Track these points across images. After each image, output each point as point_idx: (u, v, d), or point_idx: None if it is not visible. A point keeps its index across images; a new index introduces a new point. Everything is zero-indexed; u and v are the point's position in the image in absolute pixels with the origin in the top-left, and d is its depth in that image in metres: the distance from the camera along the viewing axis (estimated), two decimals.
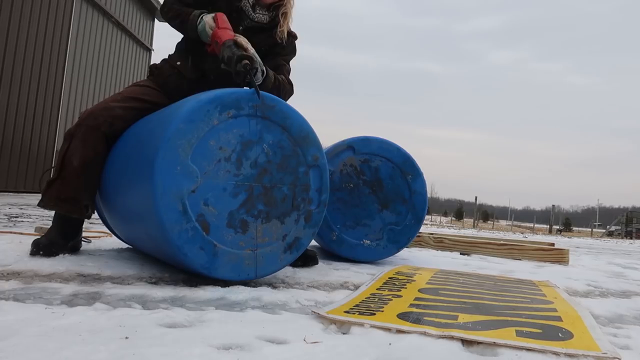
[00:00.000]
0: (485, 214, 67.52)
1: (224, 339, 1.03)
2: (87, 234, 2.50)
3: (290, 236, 1.75)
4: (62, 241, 1.96)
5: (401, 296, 1.62)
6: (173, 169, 1.53)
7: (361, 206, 2.67)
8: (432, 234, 4.46)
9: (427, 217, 4.22)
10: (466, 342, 1.12)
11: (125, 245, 2.42)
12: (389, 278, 2.01)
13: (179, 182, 1.53)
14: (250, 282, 1.70)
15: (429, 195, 2.90)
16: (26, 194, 8.50)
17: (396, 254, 2.81)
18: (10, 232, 2.71)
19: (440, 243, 4.02)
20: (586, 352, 1.08)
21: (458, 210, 78.09)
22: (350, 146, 2.71)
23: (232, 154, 1.63)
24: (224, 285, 1.59)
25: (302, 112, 1.79)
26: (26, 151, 9.01)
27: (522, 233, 17.86)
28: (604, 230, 37.24)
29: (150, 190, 1.51)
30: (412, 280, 1.99)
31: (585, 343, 1.16)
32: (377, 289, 1.74)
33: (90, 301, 1.30)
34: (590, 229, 45.60)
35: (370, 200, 2.68)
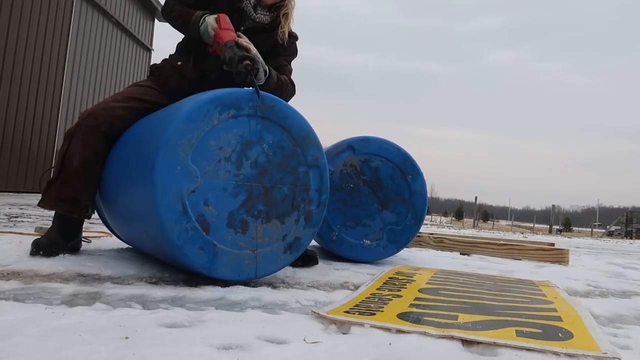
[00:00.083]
0: (485, 214, 67.51)
1: (224, 339, 1.03)
2: (87, 234, 2.50)
3: (290, 236, 1.75)
4: (62, 241, 1.96)
5: (401, 296, 1.62)
6: (173, 169, 1.53)
7: (361, 206, 2.67)
8: (432, 234, 4.46)
9: (427, 217, 4.22)
10: (466, 342, 1.12)
11: (125, 245, 2.42)
12: (389, 278, 2.01)
13: (179, 182, 1.53)
14: (250, 282, 1.70)
15: (429, 195, 2.90)
16: (26, 194, 8.50)
17: (396, 254, 2.81)
18: (10, 232, 2.71)
19: (440, 243, 4.02)
20: (586, 352, 1.08)
21: (458, 210, 78.08)
22: (350, 146, 2.71)
23: (232, 154, 1.63)
24: (224, 285, 1.59)
25: (302, 112, 1.79)
26: (26, 151, 9.01)
27: (522, 233, 17.86)
28: (604, 230, 37.23)
29: (150, 190, 1.51)
30: (412, 280, 1.99)
31: (585, 343, 1.16)
32: (377, 289, 1.74)
33: (90, 301, 1.30)
34: (590, 229, 45.59)
35: (370, 200, 2.68)
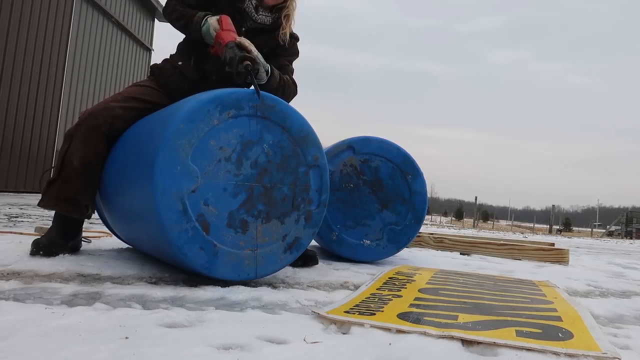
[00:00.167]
0: (485, 214, 67.51)
1: (224, 339, 1.03)
2: (87, 234, 2.51)
3: (290, 236, 1.75)
4: (62, 241, 1.96)
5: (401, 296, 1.62)
6: (173, 169, 1.53)
7: (361, 206, 2.67)
8: (432, 234, 4.46)
9: (427, 217, 4.22)
10: (466, 342, 1.12)
11: (125, 245, 2.42)
12: (389, 278, 2.01)
13: (179, 182, 1.53)
14: (250, 282, 1.70)
15: (429, 195, 2.90)
16: (26, 194, 8.51)
17: (396, 254, 2.81)
18: (10, 232, 2.71)
19: (440, 243, 4.02)
20: (586, 352, 1.08)
21: (458, 210, 78.07)
22: (350, 146, 2.71)
23: (232, 154, 1.63)
24: (224, 285, 1.59)
25: (302, 112, 1.79)
26: (26, 151, 9.01)
27: (522, 233, 17.85)
28: (604, 230, 37.22)
29: (151, 190, 1.51)
30: (412, 280, 1.99)
31: (585, 343, 1.16)
32: (377, 289, 1.74)
33: (90, 301, 1.30)
34: (590, 229, 45.58)
35: (370, 200, 2.68)
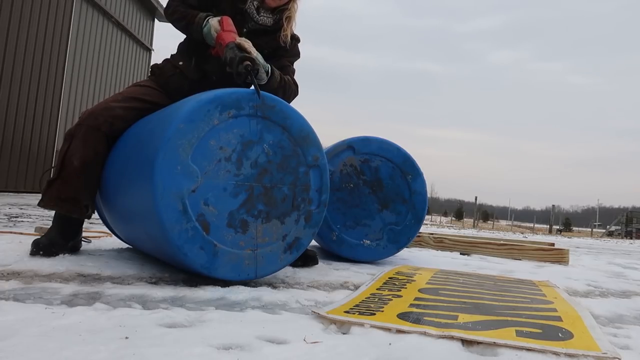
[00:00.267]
0: (485, 214, 67.49)
1: (224, 339, 1.03)
2: (87, 234, 2.51)
3: (291, 236, 1.75)
4: (62, 241, 1.96)
5: (401, 296, 1.62)
6: (173, 169, 1.53)
7: (361, 206, 2.67)
8: (432, 234, 4.46)
9: (427, 217, 4.21)
10: (466, 342, 1.12)
11: (125, 245, 2.42)
12: (389, 278, 2.01)
13: (179, 182, 1.53)
14: (250, 282, 1.70)
15: (429, 195, 2.90)
16: (26, 194, 8.51)
17: (396, 254, 2.81)
18: (10, 232, 2.71)
19: (440, 243, 4.02)
20: (586, 352, 1.08)
21: (458, 210, 78.05)
22: (350, 146, 2.71)
23: (232, 154, 1.63)
24: (224, 285, 1.59)
25: (302, 112, 1.79)
26: (26, 151, 9.01)
27: (522, 233, 17.85)
28: (604, 230, 37.21)
29: (151, 190, 1.51)
30: (412, 280, 1.99)
31: (585, 343, 1.16)
32: (377, 289, 1.74)
33: (90, 301, 1.30)
34: (590, 229, 45.57)
35: (370, 200, 2.68)
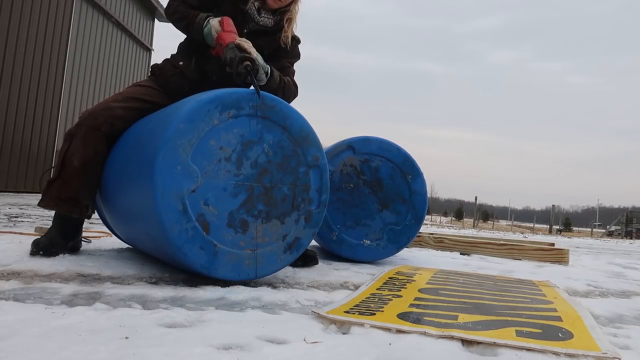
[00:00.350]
0: (485, 214, 67.47)
1: (224, 339, 1.03)
2: (87, 234, 2.51)
3: (291, 236, 1.75)
4: (62, 241, 1.96)
5: (401, 296, 1.62)
6: (173, 169, 1.53)
7: (361, 206, 2.67)
8: (432, 234, 4.46)
9: (427, 217, 4.22)
10: (466, 342, 1.12)
11: (125, 245, 2.42)
12: (389, 278, 2.01)
13: (179, 182, 1.53)
14: (250, 282, 1.70)
15: (429, 195, 2.90)
16: (26, 194, 8.50)
17: (396, 254, 2.81)
18: (10, 232, 2.71)
19: (440, 243, 4.02)
20: (586, 352, 1.08)
21: (458, 210, 78.03)
22: (350, 146, 2.71)
23: (232, 154, 1.63)
24: (224, 285, 1.59)
25: (302, 112, 1.79)
26: (26, 151, 9.01)
27: (522, 233, 17.85)
28: (604, 230, 37.20)
29: (151, 190, 1.51)
30: (412, 280, 1.99)
31: (585, 343, 1.16)
32: (377, 289, 1.74)
33: (90, 301, 1.30)
34: (590, 229, 45.56)
35: (370, 200, 2.68)
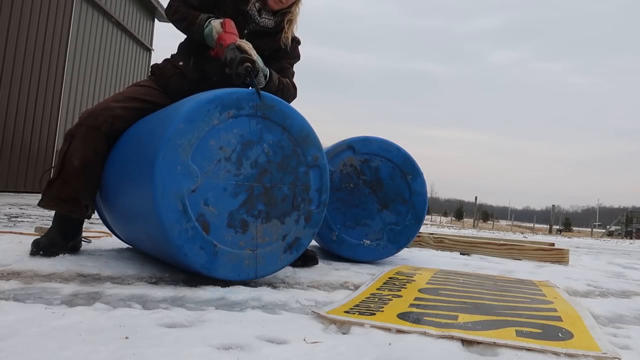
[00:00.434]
0: (485, 214, 67.47)
1: (224, 339, 1.03)
2: (87, 234, 2.51)
3: (291, 236, 1.75)
4: (62, 241, 1.96)
5: (401, 296, 1.62)
6: (173, 169, 1.53)
7: (361, 206, 2.67)
8: (432, 234, 4.46)
9: (427, 217, 4.21)
10: (466, 342, 1.12)
11: (125, 245, 2.42)
12: (389, 278, 2.01)
13: (179, 181, 1.53)
14: (250, 282, 1.70)
15: (429, 195, 2.90)
16: (26, 194, 8.50)
17: (396, 254, 2.81)
18: (10, 232, 2.71)
19: (440, 243, 4.02)
20: (586, 352, 1.08)
21: (458, 210, 78.01)
22: (350, 146, 2.71)
23: (232, 154, 1.63)
24: (224, 285, 1.59)
25: (302, 112, 1.79)
26: (26, 151, 9.01)
27: (522, 233, 17.85)
28: (604, 230, 37.20)
29: (151, 190, 1.51)
30: (412, 280, 1.99)
31: (585, 343, 1.16)
32: (377, 289, 1.74)
33: (90, 301, 1.30)
34: (590, 229, 45.56)
35: (370, 200, 2.68)
